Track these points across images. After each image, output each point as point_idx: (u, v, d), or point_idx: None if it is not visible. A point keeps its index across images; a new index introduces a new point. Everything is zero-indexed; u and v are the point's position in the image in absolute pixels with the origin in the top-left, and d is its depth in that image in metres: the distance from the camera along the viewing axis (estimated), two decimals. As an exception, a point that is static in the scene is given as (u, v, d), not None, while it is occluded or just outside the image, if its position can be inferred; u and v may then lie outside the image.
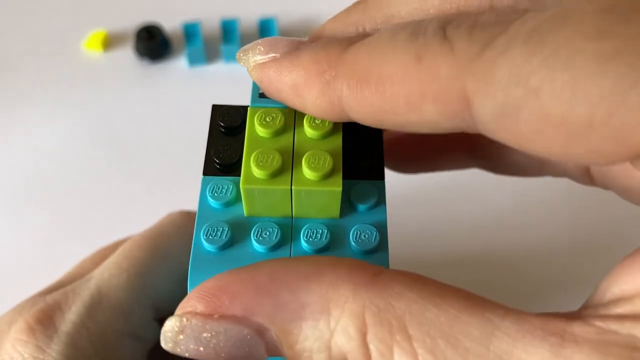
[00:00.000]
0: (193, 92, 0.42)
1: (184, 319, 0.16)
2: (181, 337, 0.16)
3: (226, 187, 0.20)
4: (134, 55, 0.44)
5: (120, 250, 0.26)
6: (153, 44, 0.43)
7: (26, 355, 0.22)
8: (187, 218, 0.27)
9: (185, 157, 0.38)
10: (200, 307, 0.16)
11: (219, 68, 0.43)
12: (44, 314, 0.23)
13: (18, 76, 0.43)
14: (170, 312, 0.25)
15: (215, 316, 0.16)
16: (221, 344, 0.16)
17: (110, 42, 0.45)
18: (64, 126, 0.40)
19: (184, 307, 0.16)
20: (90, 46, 0.44)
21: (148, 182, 0.38)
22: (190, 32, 0.44)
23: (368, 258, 0.19)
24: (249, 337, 0.15)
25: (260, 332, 0.15)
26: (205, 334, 0.16)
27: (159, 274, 0.25)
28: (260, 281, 0.16)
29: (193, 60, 0.43)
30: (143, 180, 0.38)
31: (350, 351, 0.15)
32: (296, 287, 0.15)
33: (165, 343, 0.16)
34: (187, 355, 0.16)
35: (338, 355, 0.15)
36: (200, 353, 0.16)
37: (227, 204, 0.20)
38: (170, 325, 0.16)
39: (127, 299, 0.24)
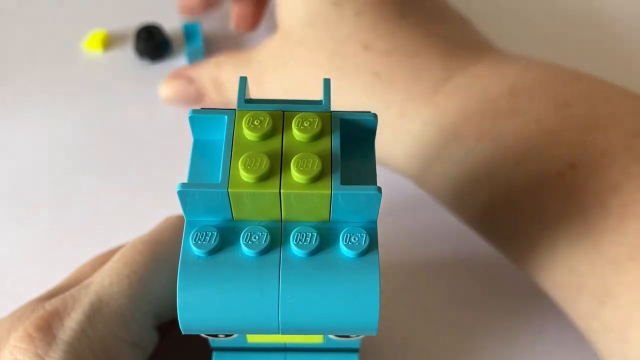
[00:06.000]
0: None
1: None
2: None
3: None
4: (134, 55, 0.44)
5: (119, 256, 0.25)
6: (153, 44, 0.43)
7: (24, 364, 0.22)
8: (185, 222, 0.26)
9: (185, 158, 0.38)
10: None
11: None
12: (43, 322, 0.23)
13: (18, 76, 0.43)
14: (170, 318, 0.25)
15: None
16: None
17: (110, 42, 0.45)
18: (63, 126, 0.40)
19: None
20: (90, 46, 0.44)
21: (148, 183, 0.38)
22: (190, 32, 0.44)
23: (358, 260, 0.19)
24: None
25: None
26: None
27: (159, 280, 0.25)
28: None
29: (193, 60, 0.43)
30: (143, 181, 0.38)
31: None
32: None
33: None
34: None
35: None
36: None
37: None
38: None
39: (128, 306, 0.24)
